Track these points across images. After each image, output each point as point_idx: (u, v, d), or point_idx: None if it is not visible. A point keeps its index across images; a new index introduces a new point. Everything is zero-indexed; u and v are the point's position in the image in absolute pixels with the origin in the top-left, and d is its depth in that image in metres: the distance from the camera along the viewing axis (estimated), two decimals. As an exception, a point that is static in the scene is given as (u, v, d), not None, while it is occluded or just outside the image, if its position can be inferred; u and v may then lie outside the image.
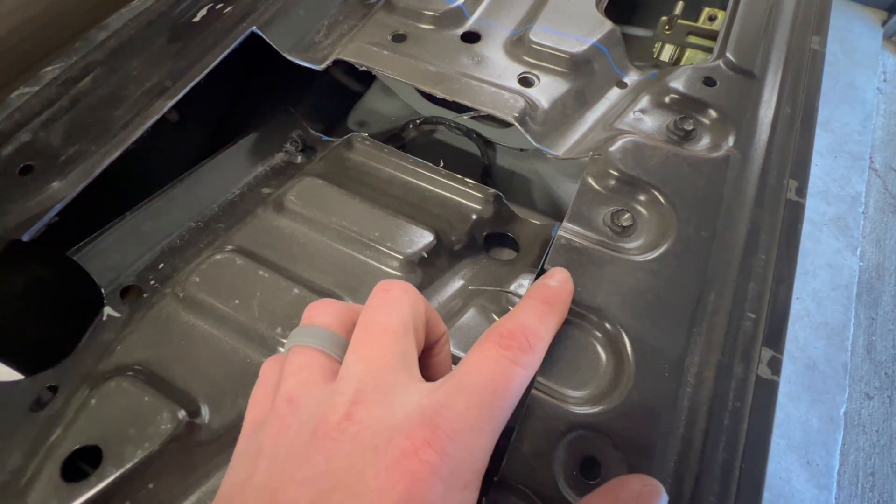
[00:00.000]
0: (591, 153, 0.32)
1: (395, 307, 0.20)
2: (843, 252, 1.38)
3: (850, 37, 1.70)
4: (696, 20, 0.44)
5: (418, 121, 0.47)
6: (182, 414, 0.25)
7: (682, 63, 0.45)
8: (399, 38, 0.40)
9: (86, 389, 0.27)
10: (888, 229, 1.45)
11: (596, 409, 0.23)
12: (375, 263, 0.32)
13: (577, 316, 0.26)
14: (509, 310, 0.32)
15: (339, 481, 0.15)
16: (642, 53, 0.54)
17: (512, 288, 0.33)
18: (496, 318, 0.32)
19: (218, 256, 0.31)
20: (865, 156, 1.54)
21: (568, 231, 0.29)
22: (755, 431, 0.23)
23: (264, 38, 0.38)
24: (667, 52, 0.48)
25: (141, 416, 0.25)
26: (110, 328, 0.30)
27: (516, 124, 0.33)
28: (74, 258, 0.31)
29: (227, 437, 0.26)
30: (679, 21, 0.42)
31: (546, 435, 0.23)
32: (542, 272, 0.35)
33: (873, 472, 1.13)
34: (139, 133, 0.33)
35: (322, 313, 0.20)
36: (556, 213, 0.44)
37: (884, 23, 1.72)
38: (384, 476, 0.15)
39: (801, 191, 0.29)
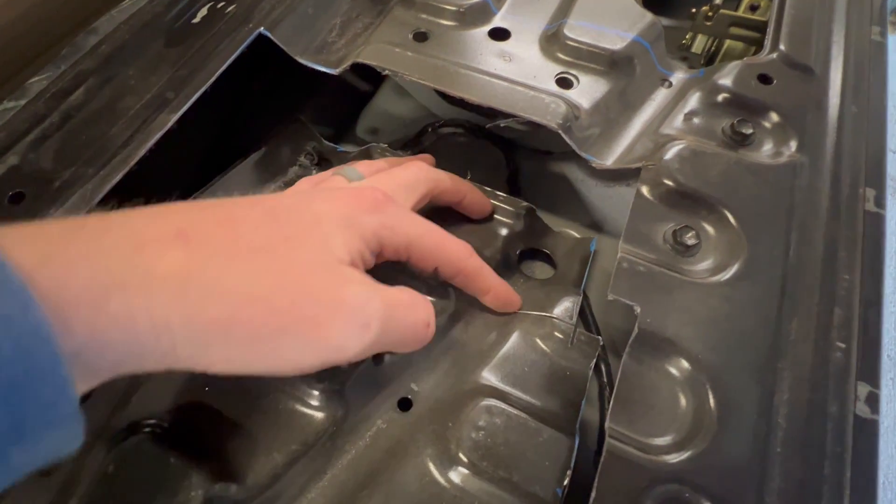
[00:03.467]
0: (643, 162, 0.29)
1: (408, 174, 0.28)
2: (846, 236, 1.37)
3: (850, 16, 1.68)
4: (735, 9, 0.41)
5: (437, 124, 0.44)
6: (214, 476, 0.22)
7: (720, 55, 0.43)
8: (420, 36, 0.36)
9: (101, 450, 0.24)
10: (889, 212, 1.44)
11: (682, 458, 0.21)
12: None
13: (648, 351, 0.24)
14: (555, 336, 0.30)
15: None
16: (667, 44, 0.51)
17: (556, 312, 0.30)
18: (542, 344, 0.29)
19: None
20: (866, 138, 1.53)
21: (627, 252, 0.26)
22: (860, 481, 0.20)
23: (273, 39, 0.34)
24: (699, 44, 0.45)
25: (167, 483, 0.22)
26: (124, 375, 0.26)
27: (561, 132, 0.30)
28: None
29: (261, 496, 0.24)
30: (721, 11, 0.39)
31: (629, 493, 0.20)
32: (585, 295, 0.32)
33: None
34: (142, 152, 0.29)
35: (363, 166, 0.29)
36: (586, 219, 0.42)
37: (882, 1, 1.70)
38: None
39: (881, 200, 0.27)
